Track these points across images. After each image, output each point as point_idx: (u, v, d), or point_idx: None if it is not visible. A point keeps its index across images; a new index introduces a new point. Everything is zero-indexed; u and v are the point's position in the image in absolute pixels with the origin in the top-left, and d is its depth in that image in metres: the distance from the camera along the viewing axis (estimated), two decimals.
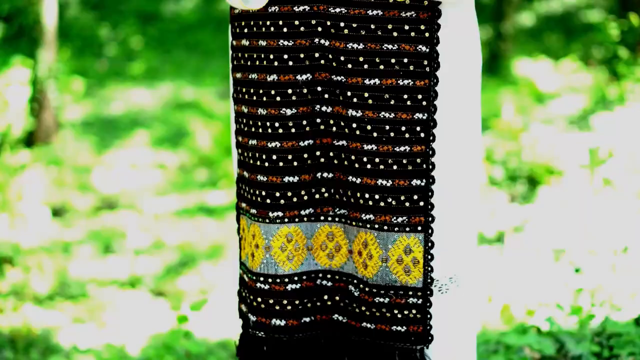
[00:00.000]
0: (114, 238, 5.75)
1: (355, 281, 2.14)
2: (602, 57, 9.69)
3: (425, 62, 2.03)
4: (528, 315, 3.31)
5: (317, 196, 2.12)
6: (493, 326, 3.80)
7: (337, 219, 2.14)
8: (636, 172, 4.89)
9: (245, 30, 2.10)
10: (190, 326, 3.25)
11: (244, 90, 2.12)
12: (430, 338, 2.10)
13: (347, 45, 2.03)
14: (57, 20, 7.51)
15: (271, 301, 2.13)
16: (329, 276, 2.16)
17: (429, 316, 2.10)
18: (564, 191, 5.05)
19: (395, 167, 2.05)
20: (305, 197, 2.11)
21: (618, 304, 3.48)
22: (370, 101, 2.03)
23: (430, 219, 2.07)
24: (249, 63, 2.10)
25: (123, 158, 7.35)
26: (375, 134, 2.04)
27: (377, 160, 2.05)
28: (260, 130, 2.09)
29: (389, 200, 2.06)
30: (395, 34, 2.01)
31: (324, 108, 2.07)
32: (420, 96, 2.03)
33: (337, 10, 2.01)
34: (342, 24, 2.02)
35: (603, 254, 3.98)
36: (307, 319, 2.16)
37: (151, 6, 12.48)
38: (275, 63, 2.06)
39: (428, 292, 2.09)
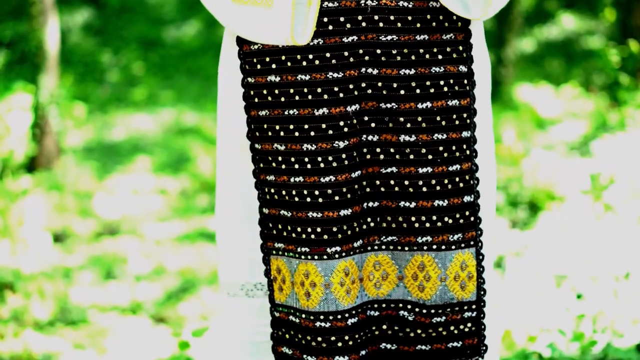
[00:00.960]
0: (115, 264, 5.74)
1: (409, 306, 2.14)
2: (603, 83, 9.71)
3: (466, 82, 2.08)
4: (530, 341, 3.31)
5: (364, 227, 2.12)
6: None
7: (384, 247, 2.14)
8: (637, 197, 4.89)
9: (274, 66, 2.05)
10: (192, 352, 3.23)
11: (276, 127, 2.07)
12: (484, 348, 2.13)
13: (400, 72, 2.05)
14: (59, 46, 7.53)
15: (333, 338, 2.10)
16: (376, 306, 2.16)
17: (483, 327, 2.13)
18: (565, 217, 5.05)
19: (450, 186, 2.10)
20: (357, 229, 2.11)
21: (620, 330, 3.48)
22: (424, 124, 2.06)
23: (479, 232, 2.13)
24: (282, 99, 2.06)
25: (124, 184, 7.35)
26: (430, 156, 2.08)
27: (433, 182, 2.08)
28: (309, 166, 2.06)
29: (446, 219, 2.10)
30: (440, 56, 2.06)
31: (370, 137, 2.08)
32: (465, 115, 2.09)
33: (389, 37, 2.03)
34: (394, 51, 2.03)
35: (605, 280, 3.97)
36: (364, 352, 2.15)
37: (153, 32, 12.51)
38: (325, 96, 2.04)
39: (482, 304, 2.13)
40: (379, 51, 2.03)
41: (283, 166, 2.08)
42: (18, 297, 5.08)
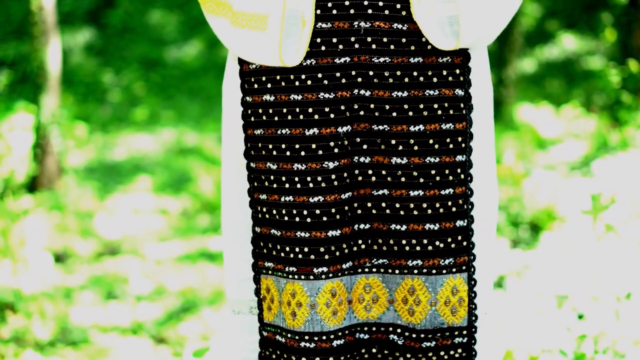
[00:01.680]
0: (115, 284, 5.74)
1: (399, 330, 2.13)
2: (604, 103, 9.72)
3: (462, 105, 2.06)
4: None
5: (354, 248, 2.11)
6: None
7: (374, 270, 2.13)
8: (638, 218, 4.89)
9: (269, 86, 2.07)
10: None
11: (270, 146, 2.08)
12: None
13: (392, 94, 2.04)
14: (60, 66, 7.54)
15: (317, 359, 2.10)
16: (366, 329, 2.15)
17: (474, 353, 2.12)
18: (566, 237, 5.05)
19: (441, 210, 2.08)
20: (346, 250, 2.10)
21: (621, 350, 3.47)
22: (416, 147, 2.05)
23: (472, 257, 2.11)
24: (276, 118, 2.07)
25: (125, 203, 7.35)
26: (421, 180, 2.07)
27: (424, 205, 2.07)
28: (299, 185, 2.07)
29: (437, 243, 2.09)
30: (435, 79, 2.04)
31: (362, 159, 2.08)
32: (459, 139, 2.07)
33: (381, 59, 2.03)
34: (386, 73, 2.03)
35: (606, 300, 3.96)
36: None
37: (154, 53, 12.54)
38: (316, 116, 2.05)
39: (473, 330, 2.11)
40: (371, 73, 2.03)
41: (274, 185, 2.09)
42: (19, 318, 5.08)
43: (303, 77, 2.04)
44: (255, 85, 2.10)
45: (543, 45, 12.87)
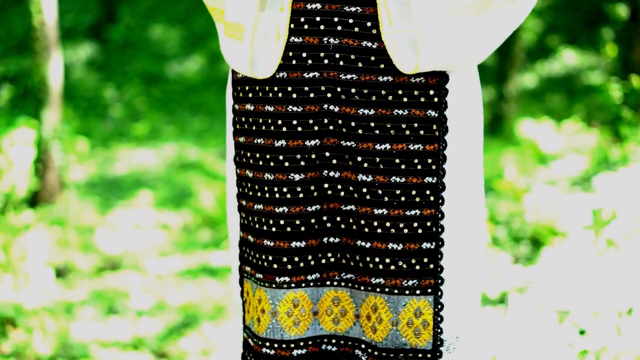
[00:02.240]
0: (116, 299, 5.73)
1: (362, 346, 2.13)
2: (605, 118, 9.73)
3: (435, 127, 2.04)
4: None
5: (323, 261, 2.12)
6: None
7: (343, 284, 2.14)
8: None
9: (250, 95, 2.11)
10: None
11: (248, 154, 2.12)
12: None
13: (358, 111, 2.03)
14: (62, 81, 7.56)
15: None
16: (334, 341, 2.16)
17: None
18: (567, 252, 5.04)
19: (406, 230, 2.06)
20: (312, 262, 2.11)
21: None
22: (381, 166, 2.04)
23: (439, 281, 2.08)
24: (254, 127, 2.11)
25: (126, 218, 7.35)
26: (386, 198, 2.05)
27: (387, 224, 2.05)
28: (267, 195, 2.10)
29: (400, 263, 2.07)
30: (405, 99, 2.02)
31: (332, 173, 2.08)
32: (430, 160, 2.04)
33: (349, 76, 2.02)
34: (353, 90, 2.02)
35: (608, 316, 3.96)
36: None
37: (156, 68, 12.56)
38: (284, 129, 2.06)
39: (438, 354, 2.09)
40: (339, 89, 2.03)
41: (250, 193, 2.12)
42: (20, 332, 5.07)
43: (275, 89, 2.06)
44: (241, 94, 2.14)
45: (544, 60, 12.89)
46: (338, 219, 2.09)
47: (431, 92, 2.02)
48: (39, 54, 7.13)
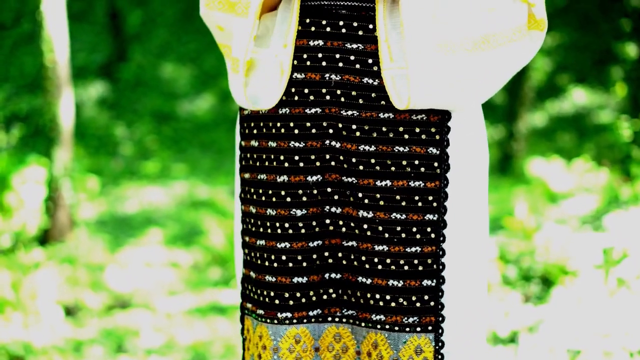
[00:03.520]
0: (126, 337, 5.72)
1: None
2: (615, 157, 9.73)
3: (436, 164, 2.04)
4: None
5: (324, 297, 2.12)
6: None
7: (344, 320, 2.14)
8: None
9: (255, 131, 2.12)
10: None
11: (252, 190, 2.13)
12: None
13: (359, 148, 2.04)
14: (73, 119, 7.59)
15: None
16: None
17: None
18: (578, 291, 5.03)
19: (406, 267, 2.06)
20: (314, 298, 2.11)
21: None
22: (381, 202, 2.04)
23: (440, 318, 2.07)
24: (257, 164, 2.12)
25: (136, 256, 7.35)
26: (386, 235, 2.05)
27: (388, 260, 2.06)
28: (269, 230, 2.10)
29: (400, 300, 2.06)
30: (406, 136, 2.03)
31: (333, 209, 2.08)
32: (431, 197, 2.05)
33: (349, 112, 2.03)
34: (354, 127, 2.03)
35: (619, 356, 3.94)
36: None
37: (166, 106, 12.61)
38: (286, 164, 2.08)
39: None
40: (340, 125, 2.04)
41: (253, 229, 2.14)
42: None
43: (278, 124, 2.08)
44: (247, 131, 2.16)
45: (554, 99, 12.91)
46: (340, 254, 2.10)
47: (433, 130, 2.03)
48: (50, 93, 7.17)
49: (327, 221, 2.08)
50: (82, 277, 6.72)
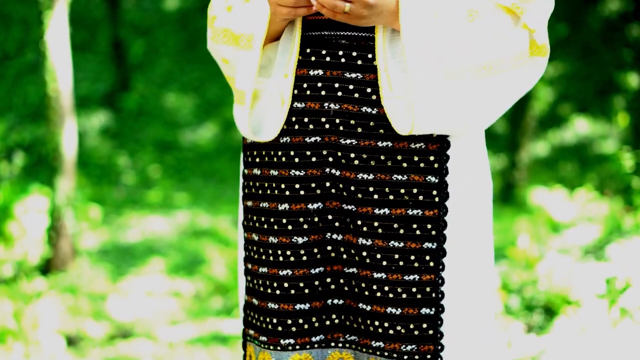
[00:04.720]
0: None
1: None
2: (617, 187, 9.72)
3: (435, 193, 2.05)
4: None
5: (327, 322, 2.13)
6: None
7: (347, 345, 2.14)
8: None
9: (257, 160, 2.14)
10: None
11: (254, 218, 2.15)
12: None
13: (358, 176, 2.05)
14: (76, 149, 7.60)
15: None
16: None
17: None
18: (581, 321, 5.02)
19: (404, 295, 2.06)
20: (316, 324, 2.12)
21: None
22: (380, 230, 2.05)
23: (439, 347, 2.07)
24: (260, 192, 2.14)
25: (138, 286, 7.34)
26: (384, 263, 2.06)
27: (386, 288, 2.06)
28: (271, 258, 2.12)
29: (398, 328, 2.07)
30: (404, 164, 2.04)
31: (334, 236, 2.09)
32: (429, 226, 2.05)
33: (348, 141, 2.05)
34: (352, 155, 2.05)
35: None
36: None
37: (169, 135, 12.63)
38: (287, 192, 2.09)
39: None
40: (339, 153, 2.05)
41: (256, 256, 2.15)
42: None
43: (279, 153, 2.10)
44: (250, 159, 2.18)
45: (556, 128, 12.93)
46: (341, 281, 2.10)
47: (431, 158, 2.04)
48: (53, 122, 7.18)
49: (329, 248, 2.09)
50: (84, 307, 6.71)
